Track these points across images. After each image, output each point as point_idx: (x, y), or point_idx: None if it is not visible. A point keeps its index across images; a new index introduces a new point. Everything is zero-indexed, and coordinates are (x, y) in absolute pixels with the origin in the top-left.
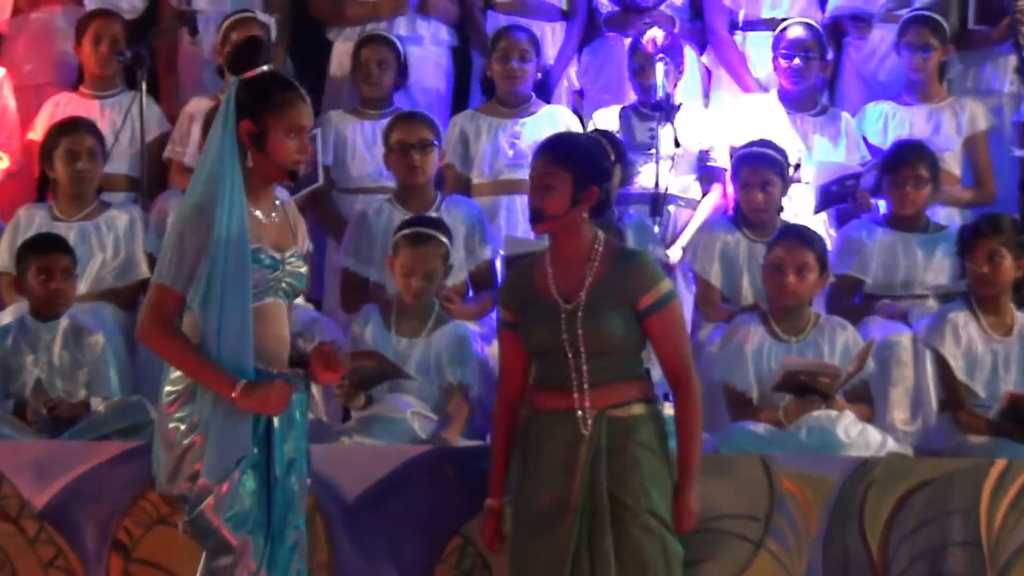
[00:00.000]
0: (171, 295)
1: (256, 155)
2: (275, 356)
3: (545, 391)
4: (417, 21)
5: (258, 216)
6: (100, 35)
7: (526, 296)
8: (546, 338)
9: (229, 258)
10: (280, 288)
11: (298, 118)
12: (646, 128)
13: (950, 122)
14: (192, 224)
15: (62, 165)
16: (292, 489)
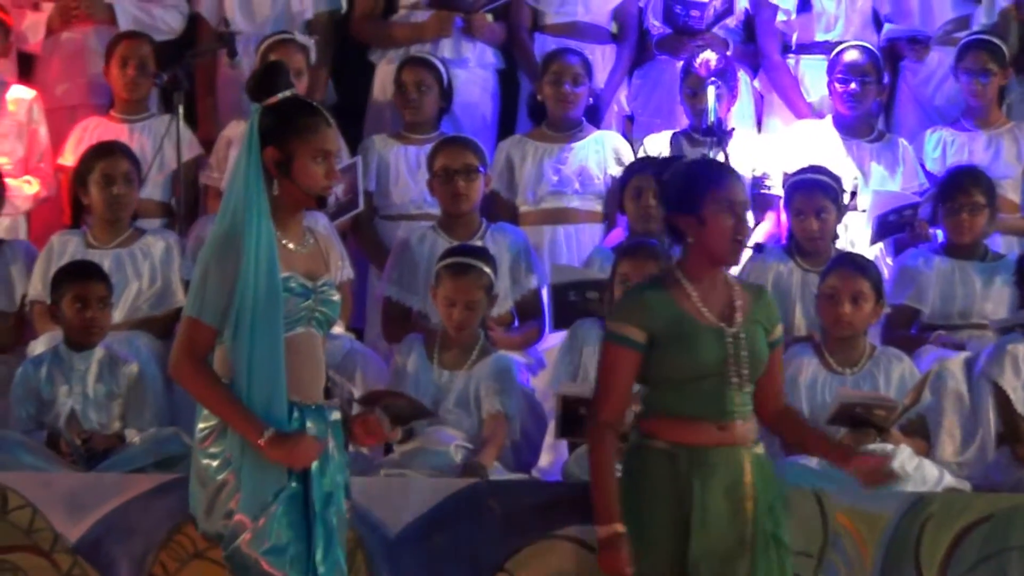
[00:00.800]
0: (203, 329)
1: (282, 182)
2: (308, 388)
3: (688, 423)
4: (463, 43)
5: (287, 245)
6: (127, 57)
7: (673, 318)
8: (711, 362)
9: (259, 288)
10: (313, 318)
11: (323, 142)
12: (698, 154)
13: (1010, 148)
14: (220, 255)
15: (97, 190)
16: (331, 523)
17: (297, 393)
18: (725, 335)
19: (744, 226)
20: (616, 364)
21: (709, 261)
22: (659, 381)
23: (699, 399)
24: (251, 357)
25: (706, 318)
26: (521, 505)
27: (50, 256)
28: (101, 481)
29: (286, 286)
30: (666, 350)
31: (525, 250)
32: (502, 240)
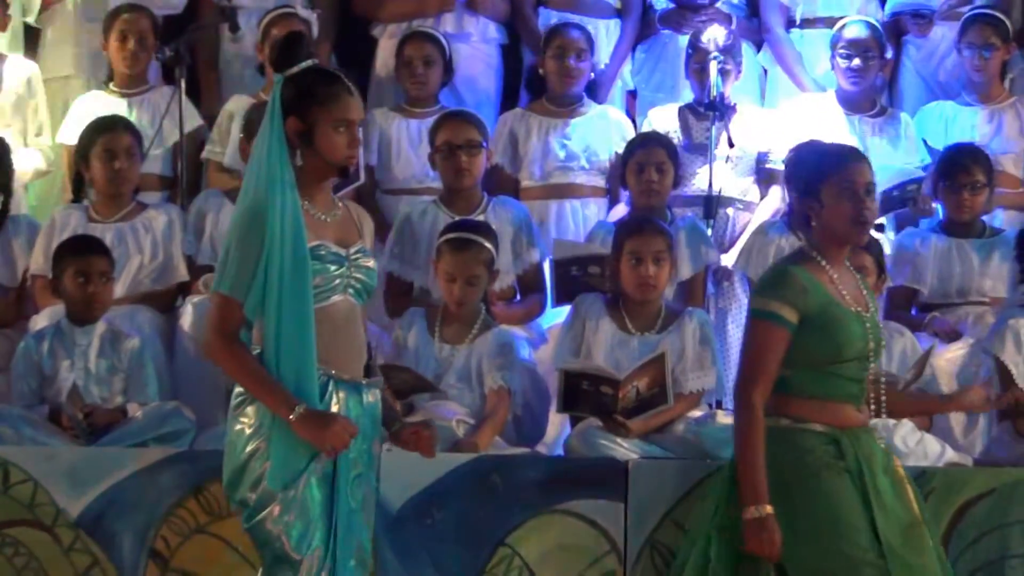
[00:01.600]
0: (233, 304)
1: (306, 152)
2: (346, 360)
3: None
4: (465, 17)
5: (315, 214)
6: (126, 32)
7: (825, 300)
8: (858, 347)
9: (285, 259)
10: (350, 286)
11: (346, 111)
12: (703, 128)
13: (1012, 123)
14: (246, 229)
15: (99, 164)
16: (353, 506)
17: (334, 366)
18: (864, 319)
19: (864, 207)
20: (769, 342)
21: (835, 244)
22: (803, 363)
23: (843, 382)
24: (279, 329)
25: (847, 302)
26: (523, 480)
27: (52, 230)
28: (103, 455)
29: (316, 254)
30: (814, 332)
31: (527, 224)
32: (504, 214)
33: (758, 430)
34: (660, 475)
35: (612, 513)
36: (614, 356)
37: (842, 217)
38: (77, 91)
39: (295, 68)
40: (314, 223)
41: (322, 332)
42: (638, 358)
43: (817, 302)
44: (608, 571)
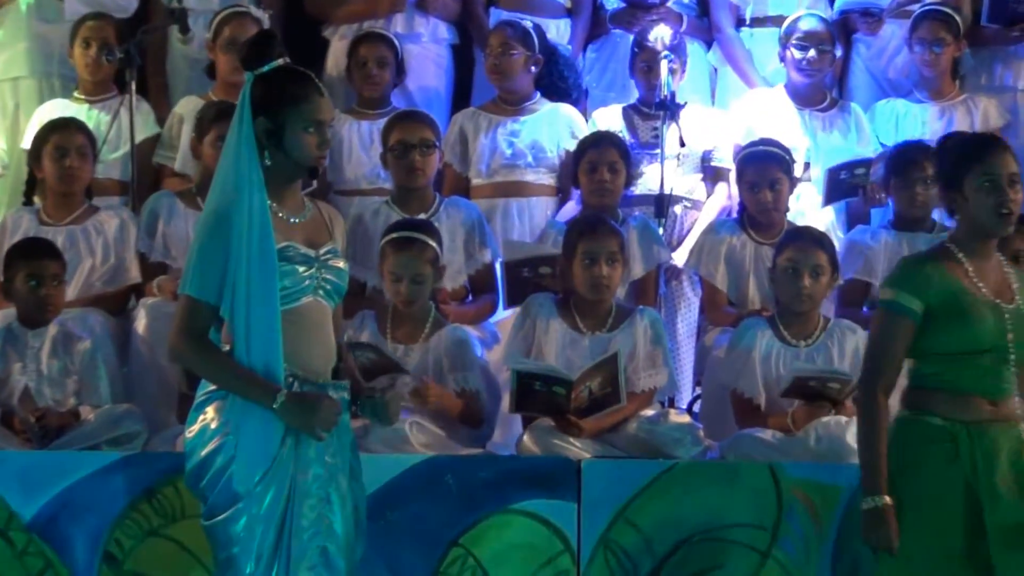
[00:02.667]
0: (200, 306)
1: (275, 153)
2: (314, 361)
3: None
4: (415, 18)
5: (283, 215)
6: (89, 39)
7: (950, 291)
8: (990, 338)
9: (253, 260)
10: (320, 287)
11: (315, 112)
12: (650, 127)
13: (963, 119)
14: (212, 230)
15: (50, 163)
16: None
17: (301, 368)
18: (1004, 311)
19: (1007, 198)
20: (894, 333)
21: (977, 235)
22: (931, 355)
23: (975, 374)
24: (248, 330)
25: (983, 293)
26: (476, 480)
27: (3, 233)
28: (55, 458)
29: (284, 255)
30: (942, 323)
31: (479, 225)
32: (456, 214)
33: (880, 421)
34: (613, 474)
35: (565, 513)
36: (565, 355)
37: (984, 208)
38: (28, 92)
39: (265, 67)
40: (282, 224)
41: (291, 334)
42: (589, 357)
43: (945, 292)
44: (562, 570)
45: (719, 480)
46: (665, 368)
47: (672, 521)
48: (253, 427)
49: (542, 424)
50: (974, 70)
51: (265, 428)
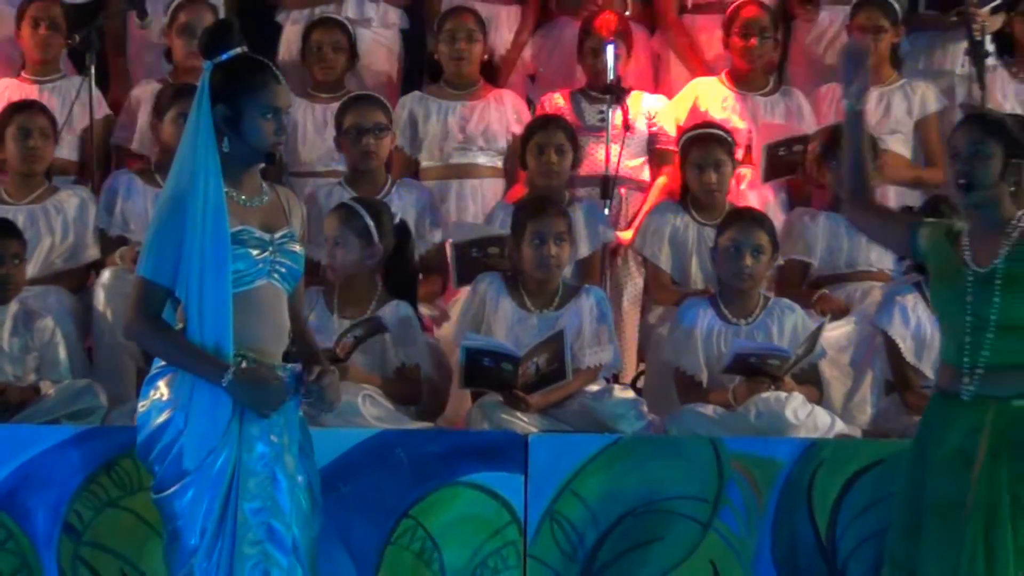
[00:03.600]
0: (154, 288)
1: (233, 139)
2: (266, 343)
3: (944, 367)
4: (366, 3)
5: (240, 200)
6: (38, 19)
7: (946, 258)
8: (948, 304)
9: (207, 244)
10: (275, 271)
11: (272, 99)
12: (596, 111)
13: (901, 104)
14: (168, 215)
15: (13, 143)
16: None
17: (252, 349)
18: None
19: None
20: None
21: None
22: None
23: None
24: (201, 311)
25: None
26: (426, 453)
27: None
28: (16, 432)
29: (239, 239)
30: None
31: (430, 207)
32: (407, 196)
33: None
34: (559, 448)
35: (513, 485)
36: (514, 333)
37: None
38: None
39: (223, 56)
40: (238, 209)
41: (244, 316)
42: (537, 335)
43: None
44: (509, 541)
45: (662, 454)
46: (610, 345)
47: (616, 493)
48: (202, 403)
49: (490, 399)
50: (912, 55)
51: (214, 405)
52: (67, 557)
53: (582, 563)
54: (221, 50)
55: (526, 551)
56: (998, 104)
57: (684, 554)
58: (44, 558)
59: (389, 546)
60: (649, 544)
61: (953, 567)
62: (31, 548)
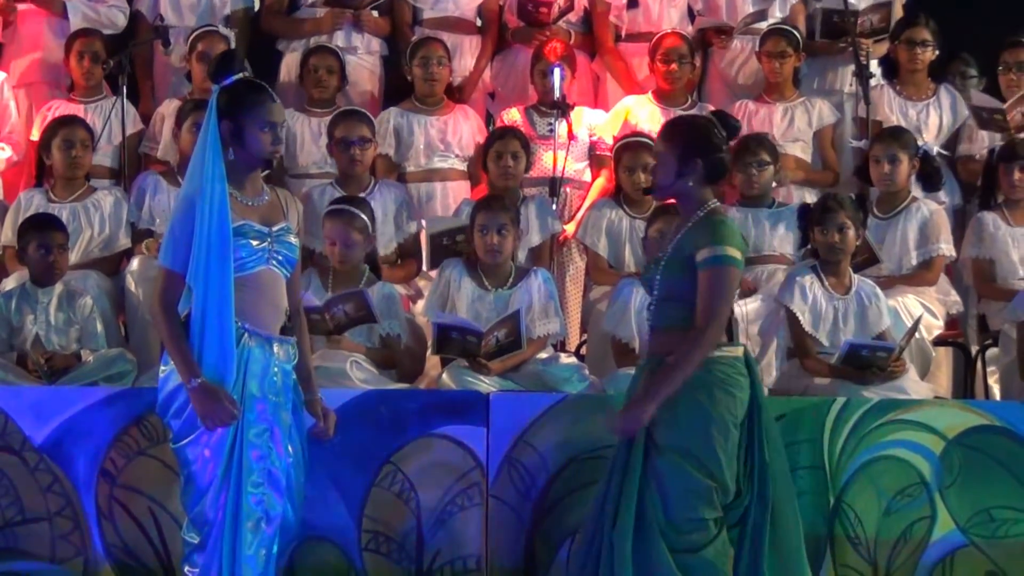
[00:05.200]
0: (173, 276)
1: (237, 149)
2: (264, 319)
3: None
4: (352, 34)
5: (243, 200)
6: (83, 52)
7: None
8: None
9: (212, 236)
10: (273, 258)
11: (268, 115)
12: (546, 123)
13: (802, 117)
14: (183, 213)
15: (58, 153)
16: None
17: (251, 322)
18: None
19: None
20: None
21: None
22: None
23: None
24: (206, 291)
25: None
26: (404, 410)
27: (18, 209)
28: (61, 393)
29: (241, 231)
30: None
31: (407, 202)
32: (388, 193)
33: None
34: (515, 405)
35: (477, 436)
36: (474, 308)
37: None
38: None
39: (227, 80)
40: (241, 207)
41: (245, 295)
42: (494, 310)
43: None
44: (474, 483)
45: (601, 410)
46: (556, 318)
47: (563, 443)
48: (209, 371)
49: (458, 365)
50: (808, 76)
51: (219, 372)
52: (104, 498)
53: (534, 501)
54: (226, 75)
55: (487, 491)
56: (885, 117)
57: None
58: (84, 499)
59: (373, 488)
60: (589, 486)
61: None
62: (74, 490)
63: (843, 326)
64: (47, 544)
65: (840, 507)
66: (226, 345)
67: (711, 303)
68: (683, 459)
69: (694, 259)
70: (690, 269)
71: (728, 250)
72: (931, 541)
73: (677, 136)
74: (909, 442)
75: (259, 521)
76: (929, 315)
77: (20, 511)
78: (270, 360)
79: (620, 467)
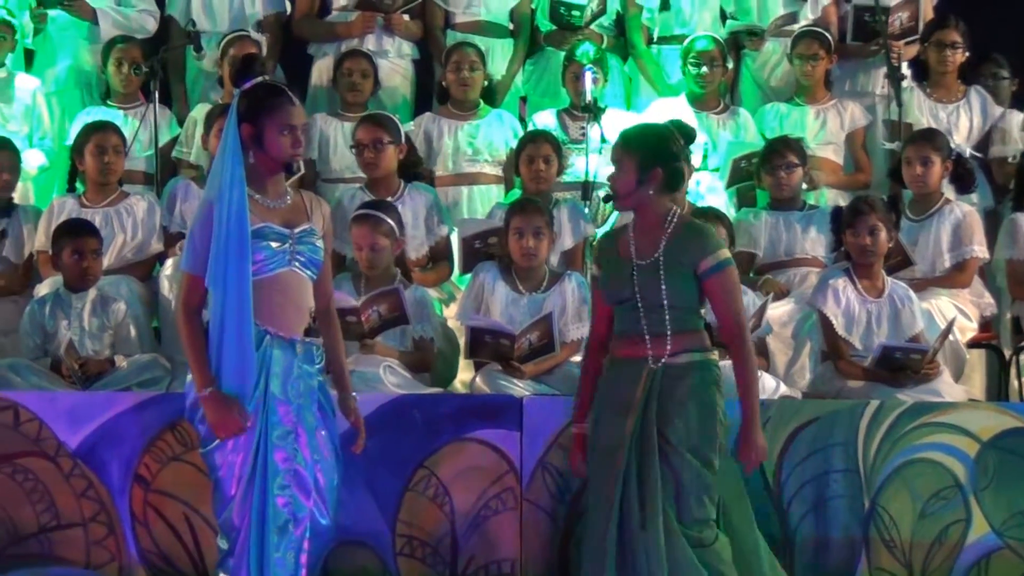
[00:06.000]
0: (194, 280)
1: (257, 153)
2: (287, 321)
3: (620, 340)
4: (384, 38)
5: (263, 202)
6: (121, 59)
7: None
8: (621, 292)
9: (231, 236)
10: (295, 260)
11: (288, 118)
12: (578, 127)
13: (834, 120)
14: (203, 217)
15: (91, 158)
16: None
17: (272, 324)
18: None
19: None
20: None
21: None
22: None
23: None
24: (225, 292)
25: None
26: (438, 414)
27: (51, 214)
28: (95, 398)
29: (261, 233)
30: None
31: (437, 205)
32: (418, 197)
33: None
34: (549, 409)
35: (510, 440)
36: (508, 312)
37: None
38: (72, 101)
39: (249, 83)
40: (262, 209)
41: (265, 297)
42: (527, 313)
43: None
44: (507, 487)
45: None
46: (589, 321)
47: None
48: (228, 375)
49: (491, 368)
50: (840, 78)
51: (238, 376)
52: (138, 503)
53: (568, 504)
54: (246, 79)
55: (522, 495)
56: (915, 119)
57: None
58: (119, 504)
59: (407, 492)
60: None
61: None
62: (108, 496)
63: (876, 329)
64: (82, 550)
65: (875, 510)
66: (245, 348)
67: (732, 306)
68: (694, 457)
69: (693, 270)
70: (690, 278)
71: (723, 253)
72: (966, 544)
73: (636, 144)
74: (943, 445)
75: (286, 523)
76: (963, 317)
77: (55, 517)
78: (292, 362)
79: (635, 471)
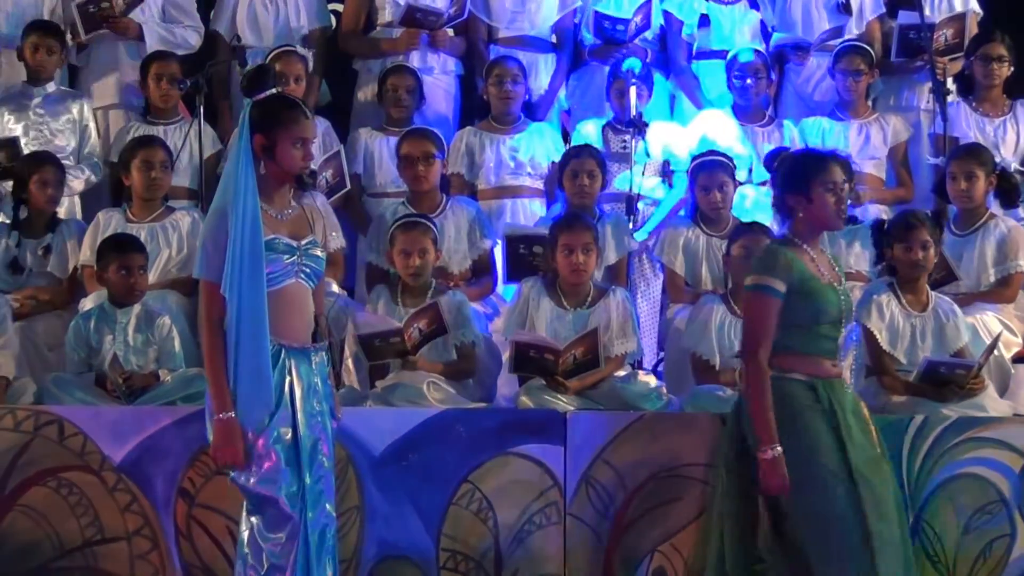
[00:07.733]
0: (212, 287)
1: (268, 164)
2: (296, 331)
3: (815, 358)
4: (428, 54)
5: (273, 213)
6: (160, 74)
7: (806, 275)
8: (835, 313)
9: (245, 246)
10: (301, 271)
11: (301, 131)
12: (620, 141)
13: (877, 134)
14: (215, 225)
15: (138, 174)
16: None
17: (286, 336)
18: (838, 291)
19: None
20: (767, 310)
21: (816, 230)
22: (789, 325)
23: (821, 340)
24: (240, 304)
25: (824, 276)
26: (482, 428)
27: (97, 229)
28: (139, 413)
29: (271, 245)
30: (798, 300)
31: (480, 219)
32: (461, 211)
33: (765, 384)
34: (593, 424)
35: (554, 455)
36: (553, 327)
37: (825, 209)
38: (116, 117)
39: (261, 95)
40: (271, 220)
41: (276, 310)
42: (572, 329)
43: (798, 276)
44: (551, 502)
45: (679, 428)
46: (634, 336)
47: (641, 461)
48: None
49: (535, 383)
50: (884, 93)
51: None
52: (183, 517)
53: (612, 520)
54: (259, 90)
55: (566, 510)
56: (962, 134)
57: (696, 512)
58: (163, 518)
59: (451, 506)
60: (668, 503)
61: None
62: (152, 510)
63: (921, 343)
64: (126, 564)
65: (919, 525)
66: (261, 365)
67: (745, 326)
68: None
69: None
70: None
71: (756, 278)
72: (1011, 559)
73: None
74: (988, 460)
75: (324, 531)
76: (1008, 332)
77: (99, 531)
78: (311, 374)
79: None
